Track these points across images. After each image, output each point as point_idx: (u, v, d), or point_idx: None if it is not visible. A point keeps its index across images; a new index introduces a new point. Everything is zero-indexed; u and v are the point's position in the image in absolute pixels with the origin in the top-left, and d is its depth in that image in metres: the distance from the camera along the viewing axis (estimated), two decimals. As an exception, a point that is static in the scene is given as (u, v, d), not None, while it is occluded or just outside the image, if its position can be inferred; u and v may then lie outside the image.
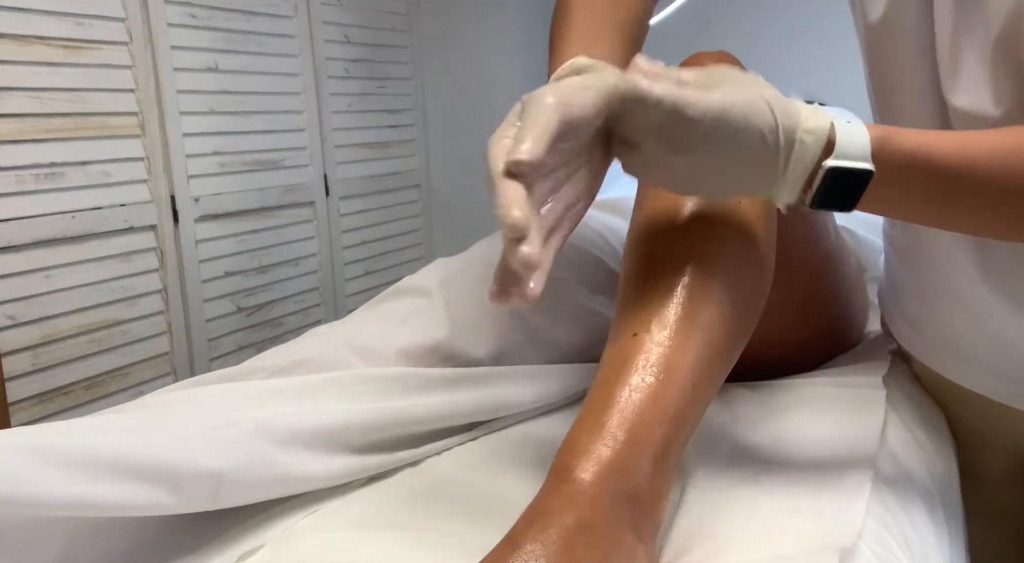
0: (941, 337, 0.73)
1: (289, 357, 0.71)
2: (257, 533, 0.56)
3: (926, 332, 0.75)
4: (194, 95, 1.61)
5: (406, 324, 0.77)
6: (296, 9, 1.85)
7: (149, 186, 1.54)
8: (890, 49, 0.66)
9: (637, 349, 0.50)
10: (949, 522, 0.61)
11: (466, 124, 2.27)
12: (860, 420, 0.67)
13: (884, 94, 0.70)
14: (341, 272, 2.04)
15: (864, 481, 0.57)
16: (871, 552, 0.49)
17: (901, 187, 0.49)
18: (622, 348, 0.51)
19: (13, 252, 1.32)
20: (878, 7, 0.65)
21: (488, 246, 0.91)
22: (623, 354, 0.51)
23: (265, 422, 0.58)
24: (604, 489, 0.45)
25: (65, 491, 0.47)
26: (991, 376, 0.69)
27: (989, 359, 0.69)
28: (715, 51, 0.66)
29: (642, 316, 0.52)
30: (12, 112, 1.30)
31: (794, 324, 0.77)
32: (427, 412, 0.68)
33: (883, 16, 0.65)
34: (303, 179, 1.90)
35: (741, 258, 0.56)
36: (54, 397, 1.40)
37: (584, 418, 0.49)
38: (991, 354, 0.68)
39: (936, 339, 0.74)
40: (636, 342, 0.51)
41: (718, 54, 0.66)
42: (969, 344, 0.69)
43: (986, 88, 0.56)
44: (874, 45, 0.69)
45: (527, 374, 0.76)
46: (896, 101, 0.68)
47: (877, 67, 0.70)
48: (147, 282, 1.55)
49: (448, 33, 2.24)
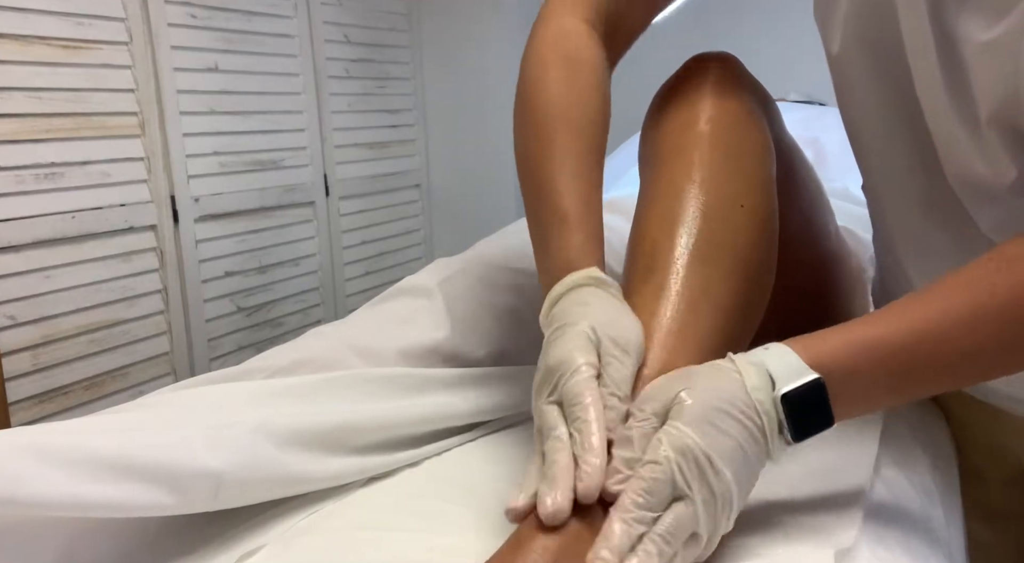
0: None
1: (289, 357, 0.71)
2: (257, 533, 0.56)
3: None
4: (194, 95, 1.61)
5: (406, 324, 0.77)
6: (296, 9, 1.85)
7: (149, 186, 1.54)
8: (850, 82, 0.66)
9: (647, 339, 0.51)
10: (949, 522, 0.61)
11: (466, 124, 2.27)
12: (860, 420, 0.67)
13: (854, 129, 0.70)
14: (341, 272, 2.04)
15: (864, 481, 0.57)
16: (871, 552, 0.49)
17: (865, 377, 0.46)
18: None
19: (13, 252, 1.32)
20: (835, 41, 0.65)
21: (488, 246, 0.91)
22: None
23: (265, 422, 0.58)
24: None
25: (65, 491, 0.47)
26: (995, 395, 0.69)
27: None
28: (716, 52, 0.66)
29: (653, 292, 0.53)
30: (12, 112, 1.30)
31: (794, 325, 0.77)
32: (427, 412, 0.68)
33: (840, 48, 0.64)
34: (303, 179, 1.90)
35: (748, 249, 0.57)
36: (54, 397, 1.40)
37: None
38: None
39: None
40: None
41: (720, 55, 0.65)
42: None
43: (979, 158, 0.55)
44: (838, 78, 0.68)
45: (526, 374, 0.76)
46: (866, 141, 0.68)
47: (844, 97, 0.69)
48: (147, 282, 1.55)
49: (448, 33, 2.24)
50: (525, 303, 0.82)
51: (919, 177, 0.63)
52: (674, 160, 0.60)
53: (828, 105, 1.73)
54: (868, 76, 0.63)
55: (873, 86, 0.63)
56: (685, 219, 0.56)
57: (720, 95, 0.62)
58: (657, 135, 0.63)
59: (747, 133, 0.61)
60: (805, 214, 0.76)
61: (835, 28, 0.64)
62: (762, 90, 0.67)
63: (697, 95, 0.62)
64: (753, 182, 0.60)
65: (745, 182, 0.59)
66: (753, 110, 0.63)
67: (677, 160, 0.59)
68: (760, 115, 0.64)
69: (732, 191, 0.58)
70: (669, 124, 0.63)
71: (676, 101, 0.63)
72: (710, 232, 0.56)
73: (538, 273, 0.58)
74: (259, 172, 1.78)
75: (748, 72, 0.66)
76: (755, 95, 0.65)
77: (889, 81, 0.61)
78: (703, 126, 0.60)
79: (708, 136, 0.60)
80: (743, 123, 0.62)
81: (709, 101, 0.61)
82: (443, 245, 2.36)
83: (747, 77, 0.66)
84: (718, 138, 0.60)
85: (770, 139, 0.64)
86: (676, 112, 0.63)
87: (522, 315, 0.81)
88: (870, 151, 0.69)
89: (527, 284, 0.84)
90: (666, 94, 0.65)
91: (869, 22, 0.61)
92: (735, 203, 0.57)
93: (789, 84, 1.82)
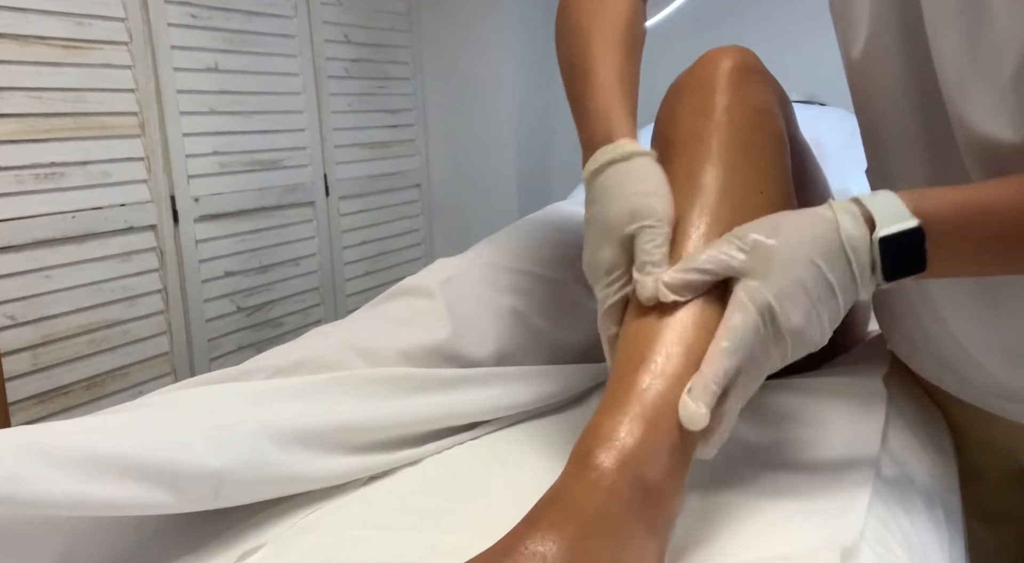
0: (937, 355, 0.73)
1: (290, 357, 0.71)
2: (257, 533, 0.56)
3: (924, 349, 0.75)
4: (194, 95, 1.61)
5: (407, 325, 0.77)
6: (296, 9, 1.85)
7: (149, 186, 1.54)
8: (874, 85, 0.66)
9: (659, 332, 0.50)
10: (949, 522, 0.61)
11: (466, 124, 2.27)
12: (861, 420, 0.67)
13: (871, 134, 0.70)
14: (341, 272, 2.04)
15: (866, 481, 0.57)
16: (872, 552, 0.49)
17: (958, 236, 0.49)
18: (644, 332, 0.51)
19: (13, 252, 1.32)
20: (858, 43, 0.65)
21: (489, 246, 0.91)
22: (645, 338, 0.51)
23: (266, 422, 0.58)
24: (623, 477, 0.45)
25: (65, 491, 0.47)
26: (991, 394, 0.69)
27: (983, 381, 0.68)
28: (732, 46, 0.65)
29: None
30: (12, 112, 1.30)
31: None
32: (428, 412, 0.68)
33: (863, 51, 0.65)
34: (303, 179, 1.90)
35: None
36: (54, 397, 1.40)
37: (607, 404, 0.49)
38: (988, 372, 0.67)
39: (932, 356, 0.74)
40: (660, 327, 0.51)
41: (737, 49, 0.64)
42: (966, 361, 0.69)
43: (1003, 115, 0.55)
44: (858, 83, 0.68)
45: (527, 374, 0.76)
46: (883, 139, 0.68)
47: (861, 100, 0.70)
48: (147, 282, 1.55)
49: (448, 33, 2.24)
50: (526, 303, 0.82)
51: (928, 151, 0.63)
52: (692, 146, 0.59)
53: (828, 105, 1.73)
54: (895, 62, 0.63)
55: (901, 70, 0.63)
56: (706, 201, 0.56)
57: (737, 88, 0.62)
58: (672, 124, 0.63)
59: (764, 126, 0.61)
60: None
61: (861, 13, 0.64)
62: (778, 86, 0.67)
63: (714, 86, 0.62)
64: (771, 172, 0.60)
65: (763, 172, 0.59)
66: (770, 103, 0.63)
67: (695, 146, 0.59)
68: (776, 109, 0.64)
69: (752, 178, 0.58)
70: (685, 114, 0.62)
71: (693, 91, 0.63)
72: (731, 215, 0.55)
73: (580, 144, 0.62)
74: (259, 172, 1.78)
75: (763, 65, 0.66)
76: (771, 89, 0.65)
77: (913, 60, 0.61)
78: (720, 116, 0.60)
79: (726, 126, 0.60)
80: (759, 116, 0.61)
81: (727, 93, 0.61)
82: (443, 245, 2.36)
83: (763, 70, 0.65)
84: (736, 129, 0.60)
85: (785, 132, 0.64)
86: (694, 101, 0.62)
87: (523, 315, 0.81)
88: (889, 163, 0.68)
89: (528, 284, 0.84)
90: (680, 86, 0.65)
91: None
92: (755, 189, 0.57)
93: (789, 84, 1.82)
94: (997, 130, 0.54)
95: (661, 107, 0.66)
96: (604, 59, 0.62)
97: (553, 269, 0.85)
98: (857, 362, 0.81)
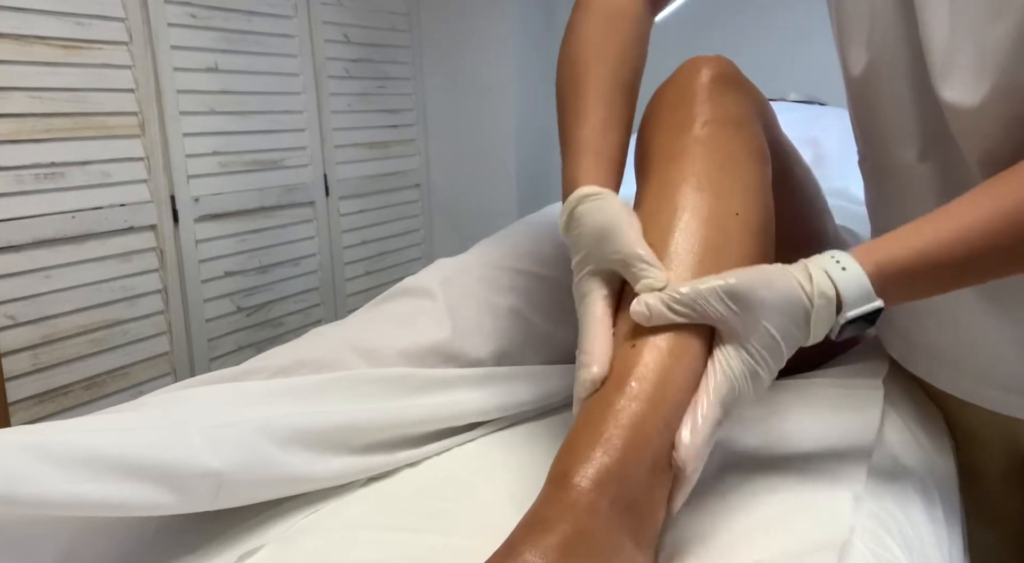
0: (930, 348, 0.73)
1: (290, 357, 0.71)
2: (257, 533, 0.56)
3: (916, 344, 0.75)
4: (194, 95, 1.61)
5: (408, 325, 0.77)
6: (296, 9, 1.85)
7: (149, 186, 1.54)
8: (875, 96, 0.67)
9: (635, 357, 0.50)
10: (948, 521, 0.61)
11: (466, 124, 2.27)
12: (857, 418, 0.67)
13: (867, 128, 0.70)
14: (341, 272, 2.04)
15: (858, 475, 0.57)
16: (870, 552, 0.49)
17: (914, 292, 0.52)
18: (621, 356, 0.51)
19: (13, 252, 1.32)
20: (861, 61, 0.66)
21: (489, 246, 0.91)
22: (621, 362, 0.51)
23: (266, 422, 0.58)
24: (602, 496, 0.45)
25: (66, 491, 0.47)
26: (985, 385, 0.69)
27: (978, 369, 0.68)
28: (713, 56, 0.65)
29: (639, 326, 0.52)
30: (12, 112, 1.30)
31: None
32: (428, 413, 0.68)
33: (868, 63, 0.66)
34: (303, 179, 1.90)
35: (741, 259, 0.56)
36: (54, 397, 1.40)
37: (582, 425, 0.49)
38: (980, 364, 0.67)
39: (925, 350, 0.74)
40: (634, 352, 0.51)
41: (714, 58, 0.65)
42: (958, 355, 0.69)
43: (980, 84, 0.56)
44: (859, 95, 0.69)
45: (527, 374, 0.76)
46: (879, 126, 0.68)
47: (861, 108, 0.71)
48: (147, 282, 1.55)
49: (448, 33, 2.24)
50: (526, 303, 0.82)
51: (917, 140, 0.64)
52: (669, 165, 0.59)
53: (828, 105, 1.73)
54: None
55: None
56: (679, 225, 0.56)
57: (715, 99, 0.62)
58: (652, 139, 0.63)
59: (742, 138, 0.61)
60: (801, 216, 0.75)
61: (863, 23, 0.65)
62: (757, 92, 0.67)
63: (692, 99, 0.62)
64: (748, 189, 0.59)
65: (741, 190, 0.59)
66: (748, 114, 0.63)
67: (672, 165, 0.59)
68: (755, 119, 0.64)
69: (727, 198, 0.58)
70: (664, 128, 0.62)
71: (671, 105, 0.63)
72: (704, 239, 0.55)
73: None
74: (259, 172, 1.78)
75: (742, 74, 0.66)
76: (750, 98, 0.65)
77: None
78: (698, 131, 0.60)
79: (704, 141, 0.60)
80: (738, 128, 0.61)
81: (704, 105, 0.61)
82: (443, 245, 2.36)
83: (742, 80, 0.65)
84: (713, 143, 0.60)
85: (765, 144, 0.63)
86: (671, 116, 0.62)
87: (523, 315, 0.81)
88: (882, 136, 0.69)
89: (528, 284, 0.84)
90: (660, 98, 0.65)
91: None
92: (730, 211, 0.57)
93: (789, 84, 1.82)
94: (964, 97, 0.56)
95: (642, 120, 0.66)
96: (596, 107, 0.64)
97: (553, 269, 0.85)
98: (856, 362, 0.81)
